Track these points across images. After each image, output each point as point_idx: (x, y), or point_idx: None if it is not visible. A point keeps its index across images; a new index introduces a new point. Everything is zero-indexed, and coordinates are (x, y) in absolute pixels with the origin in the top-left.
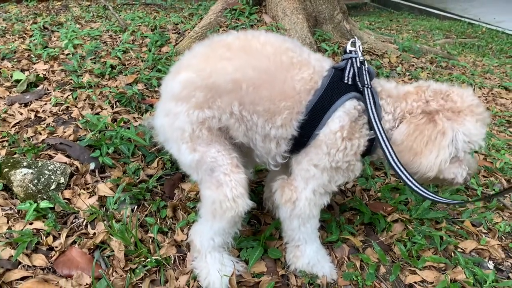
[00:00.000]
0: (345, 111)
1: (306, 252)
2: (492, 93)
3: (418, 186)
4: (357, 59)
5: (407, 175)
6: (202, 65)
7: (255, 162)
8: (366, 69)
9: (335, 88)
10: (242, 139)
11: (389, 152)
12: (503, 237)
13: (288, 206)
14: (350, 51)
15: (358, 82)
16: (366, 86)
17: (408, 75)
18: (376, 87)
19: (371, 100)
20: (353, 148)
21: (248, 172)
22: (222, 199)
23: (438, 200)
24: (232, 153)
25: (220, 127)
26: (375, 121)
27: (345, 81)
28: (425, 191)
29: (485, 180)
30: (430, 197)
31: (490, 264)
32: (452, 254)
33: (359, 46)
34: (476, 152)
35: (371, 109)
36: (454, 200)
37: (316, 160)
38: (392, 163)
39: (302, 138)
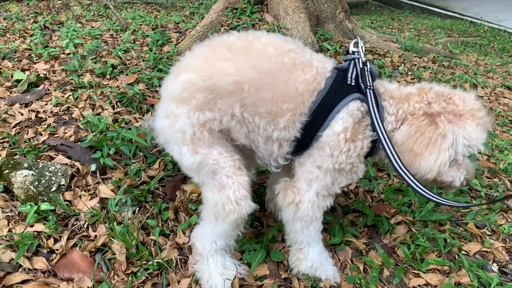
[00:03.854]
0: (348, 113)
1: (309, 255)
2: (495, 93)
3: (422, 187)
4: (360, 59)
5: (410, 177)
6: (203, 66)
7: (257, 163)
8: (369, 70)
9: (338, 89)
10: (243, 141)
11: (392, 154)
12: (507, 239)
13: (291, 208)
14: (353, 52)
15: (361, 83)
16: (369, 87)
17: (411, 74)
18: (379, 88)
19: (373, 102)
20: (356, 150)
21: (250, 174)
22: (224, 201)
23: (442, 202)
24: (234, 155)
25: (221, 129)
26: (378, 123)
27: (348, 82)
28: (429, 192)
29: (488, 181)
30: (434, 199)
31: (494, 267)
32: (456, 257)
33: (361, 47)
34: (479, 153)
35: (373, 110)
36: (458, 202)
37: (319, 162)
38: (395, 165)
39: (305, 140)
